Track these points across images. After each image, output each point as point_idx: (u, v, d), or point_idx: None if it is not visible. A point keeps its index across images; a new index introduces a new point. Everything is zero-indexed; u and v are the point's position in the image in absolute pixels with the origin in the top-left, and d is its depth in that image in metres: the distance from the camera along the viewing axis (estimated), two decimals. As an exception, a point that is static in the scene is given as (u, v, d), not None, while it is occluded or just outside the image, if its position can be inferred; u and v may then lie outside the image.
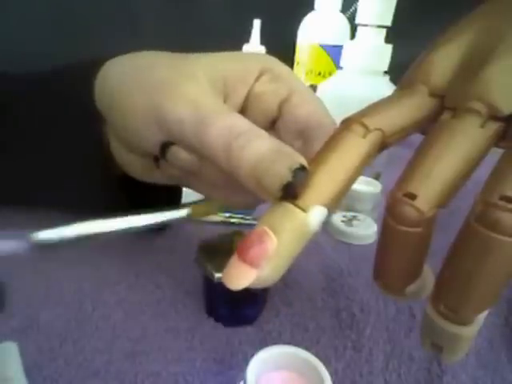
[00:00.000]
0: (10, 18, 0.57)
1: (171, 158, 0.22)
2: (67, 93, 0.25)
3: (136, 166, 0.25)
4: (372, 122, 0.17)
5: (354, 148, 0.16)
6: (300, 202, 0.15)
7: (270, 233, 0.15)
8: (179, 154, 0.22)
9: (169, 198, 0.30)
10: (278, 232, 0.15)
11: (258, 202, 0.24)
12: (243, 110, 0.24)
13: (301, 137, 0.23)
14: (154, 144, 0.22)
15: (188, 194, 0.32)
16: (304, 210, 0.15)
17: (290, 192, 0.16)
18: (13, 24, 0.57)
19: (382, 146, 0.17)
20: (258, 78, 0.23)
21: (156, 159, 0.24)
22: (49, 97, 0.26)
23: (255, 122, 0.19)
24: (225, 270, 0.15)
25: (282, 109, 0.23)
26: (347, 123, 0.17)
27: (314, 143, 0.21)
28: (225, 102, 0.22)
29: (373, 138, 0.17)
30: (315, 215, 0.15)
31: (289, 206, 0.15)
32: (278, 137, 0.18)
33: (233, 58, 0.23)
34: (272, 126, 0.24)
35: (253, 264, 0.15)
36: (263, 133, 0.19)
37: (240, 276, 0.15)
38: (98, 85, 0.23)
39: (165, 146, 0.22)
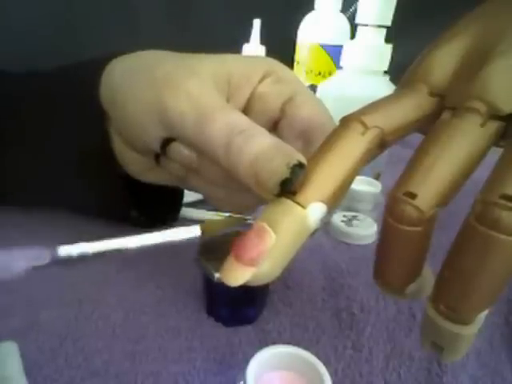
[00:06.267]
0: (9, 17, 0.56)
1: (172, 154, 0.22)
2: (72, 91, 0.25)
3: (137, 165, 0.25)
4: (370, 119, 0.17)
5: (353, 145, 0.16)
6: (299, 198, 0.15)
7: (269, 229, 0.15)
8: (180, 149, 0.22)
9: (170, 198, 0.30)
10: (277, 228, 0.15)
11: (256, 203, 0.24)
12: (246, 111, 0.24)
13: (302, 138, 0.23)
14: (155, 139, 0.22)
15: (188, 194, 0.32)
16: (303, 207, 0.15)
17: (288, 188, 0.16)
18: (12, 23, 0.57)
19: (382, 144, 0.17)
20: (261, 80, 0.24)
21: (157, 157, 0.24)
22: (53, 96, 0.26)
23: (257, 122, 0.19)
24: (223, 266, 0.15)
25: (285, 109, 0.23)
26: (346, 121, 0.17)
27: (314, 144, 0.21)
28: (228, 101, 0.23)
29: (371, 135, 0.17)
30: (314, 211, 0.15)
31: (288, 202, 0.15)
32: (280, 138, 0.18)
33: (237, 59, 0.24)
34: (274, 127, 0.24)
35: (251, 260, 0.15)
36: (263, 130, 0.19)
37: (238, 272, 0.15)
38: (103, 82, 0.24)
39: (166, 142, 0.22)
